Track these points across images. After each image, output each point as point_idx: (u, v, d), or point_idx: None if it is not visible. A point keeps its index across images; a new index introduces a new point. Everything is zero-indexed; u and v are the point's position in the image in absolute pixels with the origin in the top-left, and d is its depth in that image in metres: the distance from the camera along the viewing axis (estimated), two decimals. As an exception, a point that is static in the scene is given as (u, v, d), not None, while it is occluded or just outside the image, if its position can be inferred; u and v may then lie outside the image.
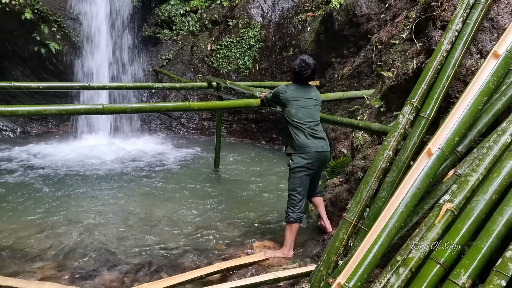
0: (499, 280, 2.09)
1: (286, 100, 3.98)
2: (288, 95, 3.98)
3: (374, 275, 2.87)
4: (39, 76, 10.54)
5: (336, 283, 2.48)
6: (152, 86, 8.24)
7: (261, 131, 10.36)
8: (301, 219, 3.96)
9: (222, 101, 6.54)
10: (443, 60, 3.22)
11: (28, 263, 3.88)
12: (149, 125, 11.03)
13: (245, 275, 3.38)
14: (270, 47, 10.30)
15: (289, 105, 3.96)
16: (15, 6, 9.09)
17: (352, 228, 2.99)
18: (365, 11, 7.51)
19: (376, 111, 4.56)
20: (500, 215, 2.30)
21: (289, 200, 3.96)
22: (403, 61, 4.34)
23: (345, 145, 6.39)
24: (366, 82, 6.94)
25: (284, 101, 3.99)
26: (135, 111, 5.50)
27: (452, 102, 3.14)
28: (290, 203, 3.94)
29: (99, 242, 4.38)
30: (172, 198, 5.92)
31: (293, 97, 3.97)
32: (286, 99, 3.97)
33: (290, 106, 3.95)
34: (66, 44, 10.31)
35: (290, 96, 3.97)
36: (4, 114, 3.84)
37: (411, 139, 3.05)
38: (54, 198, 5.84)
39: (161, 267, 3.81)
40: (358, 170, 4.09)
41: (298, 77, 4.00)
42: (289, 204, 3.95)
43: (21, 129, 10.50)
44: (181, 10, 11.77)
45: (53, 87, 7.99)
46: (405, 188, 2.69)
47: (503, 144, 2.60)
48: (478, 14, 3.26)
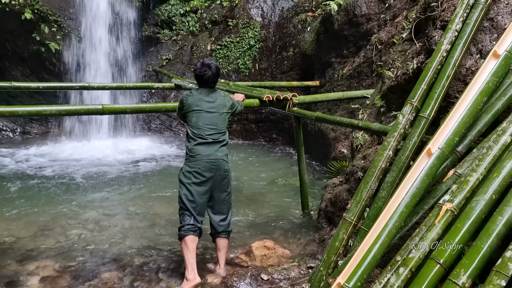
0: (499, 280, 2.09)
1: (188, 107, 3.56)
2: (191, 101, 3.57)
3: (374, 275, 2.87)
4: (39, 76, 10.54)
5: (336, 283, 2.48)
6: (152, 86, 8.26)
7: (261, 131, 10.36)
8: (194, 230, 3.43)
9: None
10: (443, 60, 3.22)
11: (28, 262, 3.87)
12: (149, 125, 11.03)
13: (245, 275, 3.38)
14: (270, 47, 10.29)
15: (190, 112, 3.55)
16: (15, 6, 9.09)
17: (352, 228, 2.99)
18: (365, 11, 7.51)
19: (376, 111, 4.56)
20: (500, 215, 2.30)
21: (179, 214, 3.54)
22: (403, 61, 4.33)
23: (345, 145, 6.39)
24: (366, 82, 6.93)
25: (187, 107, 3.57)
26: (135, 111, 5.50)
27: (452, 102, 3.14)
28: (180, 217, 3.52)
29: (99, 242, 4.38)
30: (172, 197, 5.91)
31: (196, 103, 3.55)
32: (189, 106, 3.56)
33: (192, 113, 3.54)
34: (66, 44, 10.31)
35: (193, 102, 3.56)
36: (4, 114, 3.84)
37: (411, 139, 3.05)
38: (54, 197, 5.84)
39: (161, 267, 3.81)
40: (358, 170, 4.09)
41: (198, 80, 3.64)
42: (180, 219, 3.52)
43: (21, 129, 10.51)
44: (181, 10, 11.76)
45: (53, 87, 8.00)
46: (405, 188, 2.69)
47: (503, 144, 2.60)
48: (478, 14, 3.26)
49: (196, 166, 3.46)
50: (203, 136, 3.50)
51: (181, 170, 3.54)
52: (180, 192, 3.50)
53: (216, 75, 3.64)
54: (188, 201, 3.46)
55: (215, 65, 3.63)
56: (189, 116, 3.57)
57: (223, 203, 3.62)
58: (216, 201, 3.59)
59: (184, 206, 3.47)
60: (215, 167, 3.49)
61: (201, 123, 3.52)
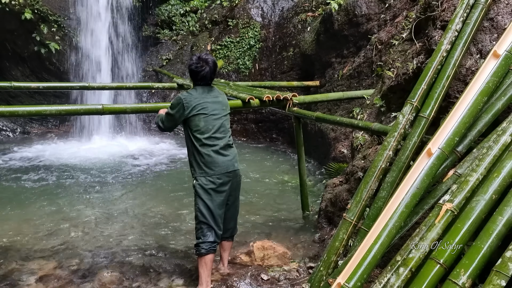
0: (499, 280, 2.09)
1: (192, 109, 3.21)
2: (194, 102, 3.22)
3: (374, 275, 2.87)
4: (39, 76, 10.54)
5: (336, 283, 2.48)
6: (152, 86, 8.25)
7: (261, 131, 10.35)
8: (214, 249, 3.27)
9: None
10: (443, 60, 3.22)
11: (28, 262, 3.87)
12: (149, 125, 11.02)
13: (245, 275, 3.38)
14: (270, 47, 10.29)
15: (196, 115, 3.22)
16: (15, 6, 9.08)
17: (352, 228, 2.99)
18: (365, 11, 7.51)
19: (376, 111, 4.56)
20: (500, 215, 2.30)
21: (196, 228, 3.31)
22: (403, 61, 4.34)
23: (345, 145, 6.39)
24: (366, 82, 6.93)
25: (191, 110, 3.22)
26: (135, 111, 5.50)
27: (452, 102, 3.14)
28: (198, 232, 3.28)
29: (99, 242, 4.38)
30: (172, 197, 5.92)
31: (200, 105, 3.23)
32: (193, 108, 3.21)
33: (198, 116, 3.22)
34: (66, 44, 10.31)
35: (196, 103, 3.22)
36: (4, 114, 3.85)
37: (411, 139, 3.05)
38: (53, 197, 5.83)
39: (161, 267, 3.80)
40: (358, 170, 4.09)
41: (194, 77, 3.32)
42: (199, 233, 3.28)
43: (21, 129, 10.51)
44: (181, 10, 11.76)
45: (53, 87, 8.00)
46: (405, 188, 2.69)
47: (503, 144, 2.60)
48: (478, 14, 3.26)
49: (216, 179, 3.24)
50: (216, 143, 3.24)
51: (197, 182, 3.26)
52: (200, 205, 3.25)
53: (213, 71, 3.34)
54: (209, 214, 3.24)
55: (212, 60, 3.33)
56: (194, 121, 3.23)
57: (235, 210, 3.51)
58: (229, 208, 3.44)
59: (205, 219, 3.23)
60: (232, 175, 3.33)
61: (211, 127, 3.23)
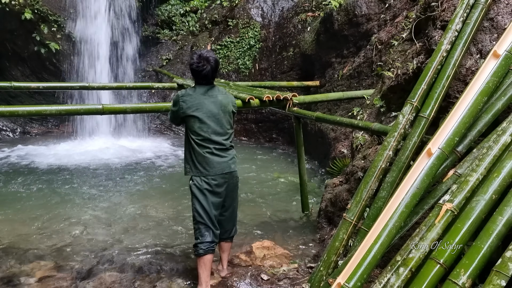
0: (499, 280, 2.09)
1: (188, 109, 3.21)
2: (190, 102, 3.21)
3: (374, 275, 2.87)
4: (39, 76, 10.54)
5: (336, 283, 2.48)
6: (152, 86, 8.25)
7: (261, 131, 10.36)
8: (213, 249, 3.25)
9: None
10: (443, 60, 3.22)
11: (27, 262, 3.87)
12: (149, 125, 11.03)
13: (245, 275, 3.38)
14: (270, 47, 10.29)
15: (191, 116, 3.20)
16: (15, 6, 9.09)
17: (352, 228, 2.99)
18: (365, 11, 7.51)
19: (376, 111, 4.56)
20: (500, 215, 2.30)
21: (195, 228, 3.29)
22: (403, 61, 4.33)
23: (345, 145, 6.39)
24: (366, 82, 6.93)
25: (186, 110, 3.21)
26: (135, 111, 5.50)
27: (452, 102, 3.14)
28: (196, 232, 3.27)
29: (99, 242, 4.38)
30: (172, 197, 5.92)
31: (196, 105, 3.20)
32: (188, 108, 3.20)
33: (193, 117, 3.20)
34: (66, 44, 10.31)
35: (192, 103, 3.21)
36: (4, 114, 3.85)
37: (411, 139, 3.05)
38: (53, 197, 5.83)
39: (161, 267, 3.80)
40: (358, 170, 4.09)
41: (195, 76, 3.27)
42: (197, 233, 3.26)
43: (21, 129, 10.51)
44: (181, 10, 11.76)
45: (53, 87, 8.00)
46: (405, 188, 2.69)
47: (503, 144, 2.60)
48: (478, 14, 3.26)
49: (210, 180, 3.22)
50: (211, 145, 3.22)
51: (193, 182, 3.26)
52: (196, 205, 3.25)
53: (215, 70, 3.27)
54: (205, 214, 3.22)
55: (213, 58, 3.24)
56: (190, 121, 3.23)
57: (233, 211, 3.48)
58: (227, 209, 3.42)
59: (202, 219, 3.22)
60: (228, 177, 3.31)
61: (206, 128, 3.20)
